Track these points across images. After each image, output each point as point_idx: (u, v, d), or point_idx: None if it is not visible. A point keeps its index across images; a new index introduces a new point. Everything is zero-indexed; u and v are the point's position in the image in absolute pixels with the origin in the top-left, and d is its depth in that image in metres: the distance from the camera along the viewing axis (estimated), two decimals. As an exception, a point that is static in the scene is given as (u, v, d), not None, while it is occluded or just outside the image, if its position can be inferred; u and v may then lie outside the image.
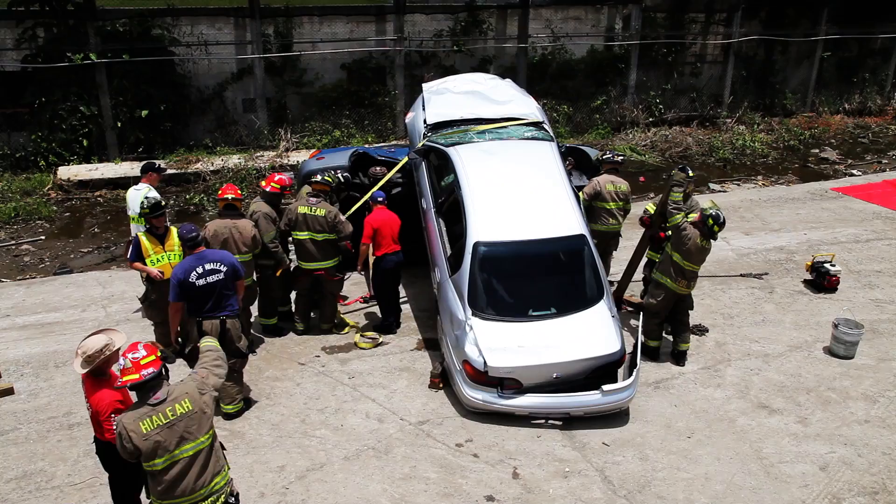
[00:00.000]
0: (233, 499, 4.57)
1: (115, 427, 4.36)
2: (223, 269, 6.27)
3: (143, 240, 7.14)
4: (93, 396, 4.75)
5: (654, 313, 7.66)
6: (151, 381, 4.26)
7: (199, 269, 6.23)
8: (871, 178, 14.55)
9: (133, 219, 8.30)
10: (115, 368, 4.27)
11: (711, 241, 7.44)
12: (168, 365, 4.57)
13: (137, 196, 8.14)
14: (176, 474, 4.31)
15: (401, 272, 8.31)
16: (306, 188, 8.20)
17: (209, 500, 4.42)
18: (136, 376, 4.22)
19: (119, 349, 4.75)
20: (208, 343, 4.88)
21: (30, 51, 13.30)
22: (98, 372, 4.76)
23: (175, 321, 6.38)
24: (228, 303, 6.35)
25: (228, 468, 4.63)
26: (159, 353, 4.39)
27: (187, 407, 4.31)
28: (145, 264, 7.11)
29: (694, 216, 7.63)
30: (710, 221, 7.30)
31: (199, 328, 6.26)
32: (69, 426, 6.55)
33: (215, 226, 7.33)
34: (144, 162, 9.24)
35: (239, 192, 7.63)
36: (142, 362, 4.24)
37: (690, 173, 7.87)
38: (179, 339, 6.57)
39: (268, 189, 7.87)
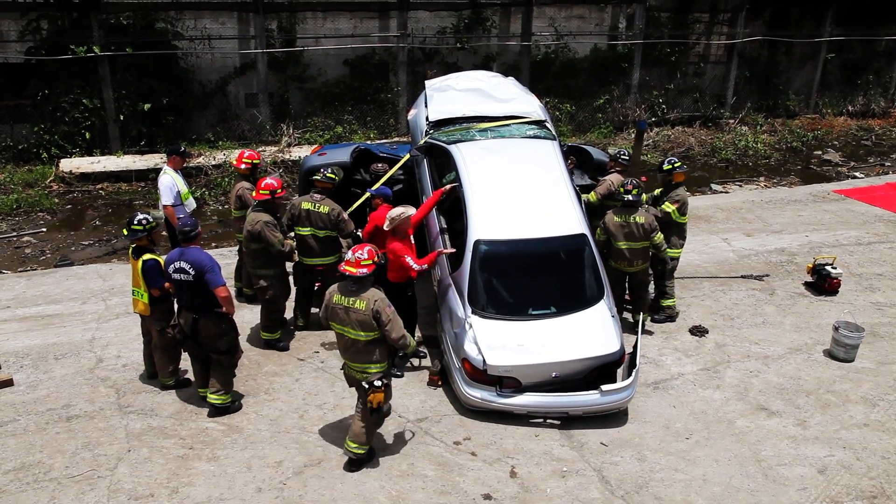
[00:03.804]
0: (379, 382, 5.71)
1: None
2: (192, 272, 6.23)
3: (161, 260, 6.60)
4: (390, 245, 6.94)
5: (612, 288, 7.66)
6: (360, 278, 5.62)
7: (176, 264, 6.29)
8: (873, 181, 14.52)
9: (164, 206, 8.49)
10: (348, 256, 5.76)
11: (634, 216, 7.86)
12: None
13: (167, 180, 8.45)
14: (343, 344, 5.83)
15: None
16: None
17: (360, 374, 5.81)
18: (354, 270, 5.64)
19: (410, 216, 7.02)
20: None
21: (33, 43, 13.28)
22: (394, 231, 6.96)
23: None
24: (201, 304, 6.30)
25: (387, 366, 5.86)
26: (376, 259, 5.72)
27: (360, 307, 5.62)
28: None
29: (671, 206, 8.25)
30: (621, 190, 8.02)
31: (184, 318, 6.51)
32: (68, 418, 6.56)
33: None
34: (171, 146, 9.20)
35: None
36: (361, 263, 5.64)
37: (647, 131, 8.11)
38: (180, 326, 6.54)
39: (261, 199, 7.34)
